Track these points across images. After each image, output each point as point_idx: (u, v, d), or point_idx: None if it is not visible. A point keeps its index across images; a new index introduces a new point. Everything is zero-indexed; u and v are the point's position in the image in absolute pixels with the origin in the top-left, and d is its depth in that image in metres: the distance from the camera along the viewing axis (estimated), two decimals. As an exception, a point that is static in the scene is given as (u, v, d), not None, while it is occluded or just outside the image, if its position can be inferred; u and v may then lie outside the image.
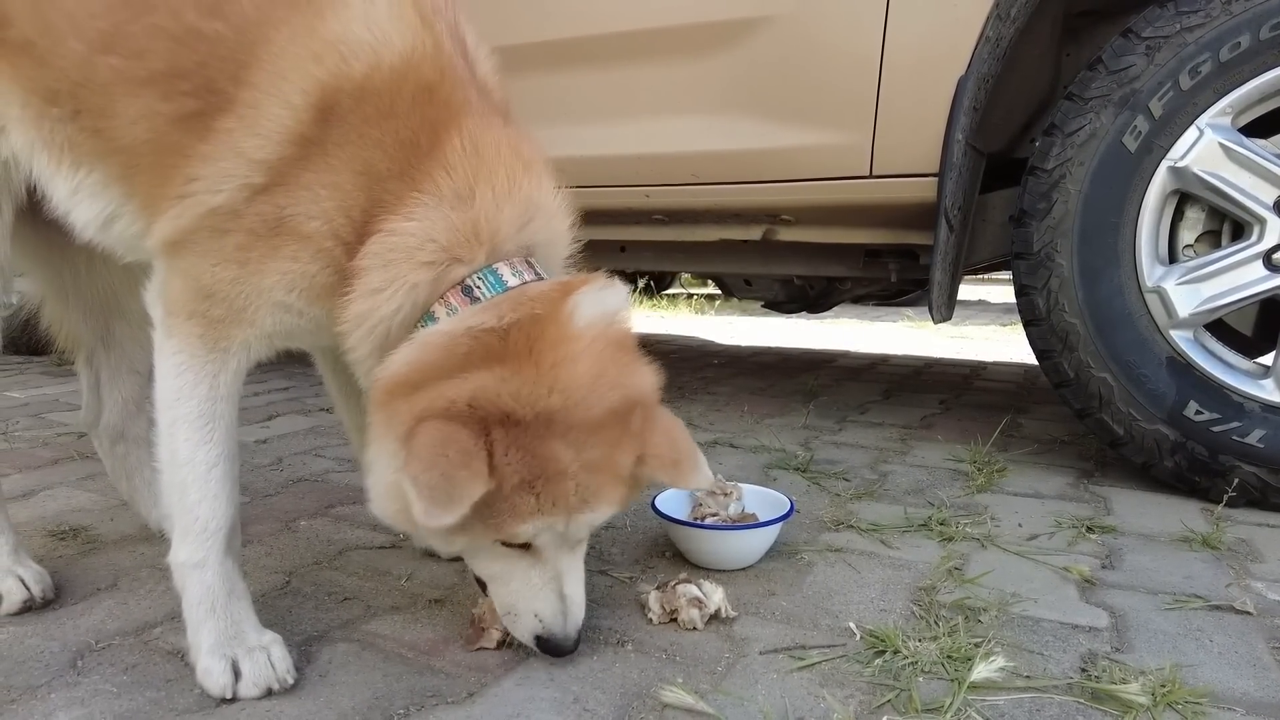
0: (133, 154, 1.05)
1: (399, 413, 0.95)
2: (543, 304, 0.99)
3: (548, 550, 1.02)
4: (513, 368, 0.95)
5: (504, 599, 1.06)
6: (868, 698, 0.99)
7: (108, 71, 1.03)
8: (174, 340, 1.02)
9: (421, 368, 0.97)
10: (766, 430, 2.43)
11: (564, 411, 0.95)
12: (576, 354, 0.98)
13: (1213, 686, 1.02)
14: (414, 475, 0.88)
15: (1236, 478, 1.70)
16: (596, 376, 0.98)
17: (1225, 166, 1.69)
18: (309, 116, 0.97)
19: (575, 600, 1.05)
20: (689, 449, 1.07)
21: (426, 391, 0.94)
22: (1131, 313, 1.76)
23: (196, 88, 1.00)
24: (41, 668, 1.02)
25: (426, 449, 0.89)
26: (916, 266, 2.60)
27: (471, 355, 0.96)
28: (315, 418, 2.54)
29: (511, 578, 1.04)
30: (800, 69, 2.04)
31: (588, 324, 0.99)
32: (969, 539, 1.52)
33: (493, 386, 0.94)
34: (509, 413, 0.93)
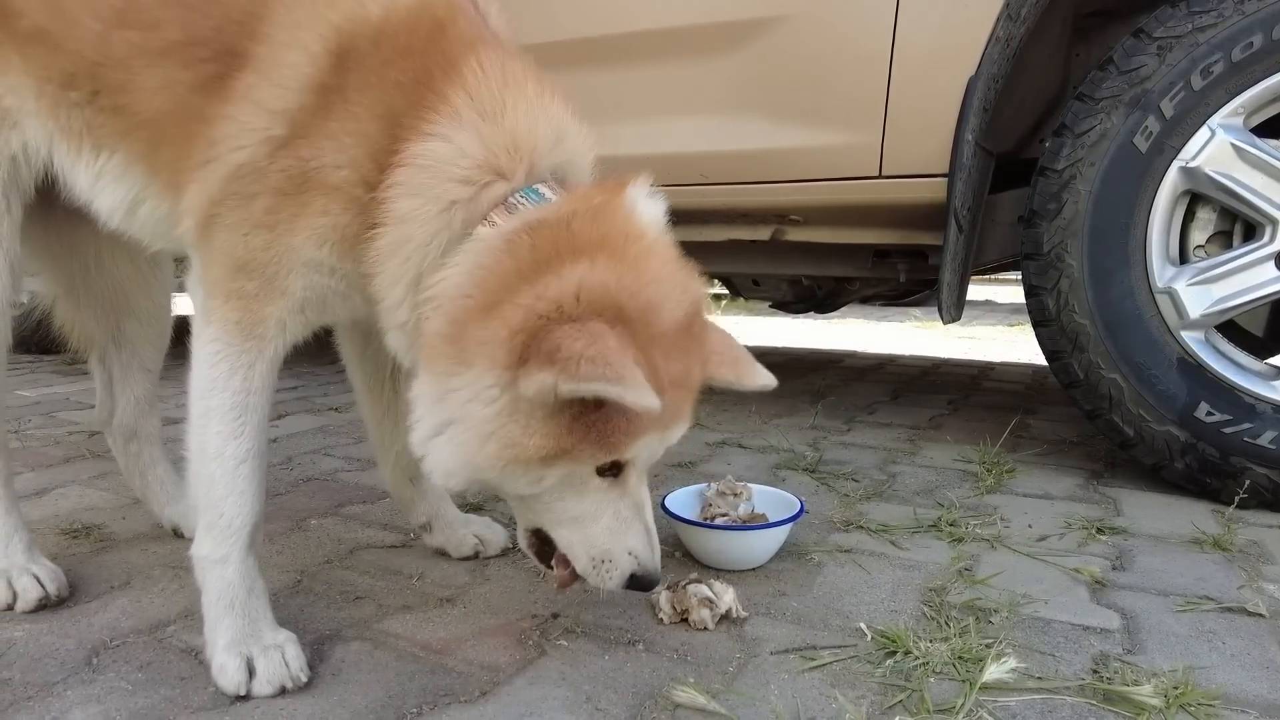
0: (155, 128, 1.05)
1: (482, 338, 0.89)
2: (601, 198, 0.96)
3: (632, 477, 1.00)
4: (603, 258, 0.91)
5: (596, 541, 1.01)
6: (879, 698, 0.99)
7: (124, 46, 1.04)
8: (211, 327, 1.02)
9: (491, 277, 0.91)
10: (775, 430, 2.43)
11: (657, 311, 0.93)
12: (651, 250, 0.96)
13: (1225, 689, 1.02)
14: (599, 377, 0.82)
15: (1248, 479, 1.69)
16: (672, 278, 0.96)
17: (1237, 167, 1.68)
18: (327, 63, 0.97)
19: (655, 533, 1.04)
20: (745, 352, 1.07)
21: (511, 303, 0.89)
22: (1142, 314, 1.76)
23: (215, 52, 1.00)
24: (57, 665, 1.03)
25: (584, 345, 0.82)
26: (925, 267, 2.59)
27: (543, 251, 0.91)
28: (324, 417, 2.54)
29: (601, 514, 1.00)
30: (809, 69, 2.04)
31: (649, 222, 0.98)
32: (979, 540, 1.52)
33: (597, 277, 0.89)
34: (620, 307, 0.89)
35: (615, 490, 1.00)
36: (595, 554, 1.02)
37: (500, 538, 1.43)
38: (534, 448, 0.91)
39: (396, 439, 1.38)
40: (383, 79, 0.97)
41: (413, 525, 1.44)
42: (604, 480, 0.99)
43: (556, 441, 0.91)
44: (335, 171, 0.97)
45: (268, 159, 0.98)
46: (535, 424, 0.90)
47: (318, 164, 0.97)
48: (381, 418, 1.38)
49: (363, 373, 1.37)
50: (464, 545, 1.40)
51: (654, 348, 0.92)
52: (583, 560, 1.03)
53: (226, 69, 0.99)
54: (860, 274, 2.73)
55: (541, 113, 1.01)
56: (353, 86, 0.97)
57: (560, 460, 0.93)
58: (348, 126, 0.97)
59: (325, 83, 0.97)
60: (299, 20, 0.97)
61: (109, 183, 1.11)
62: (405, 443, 1.37)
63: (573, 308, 0.88)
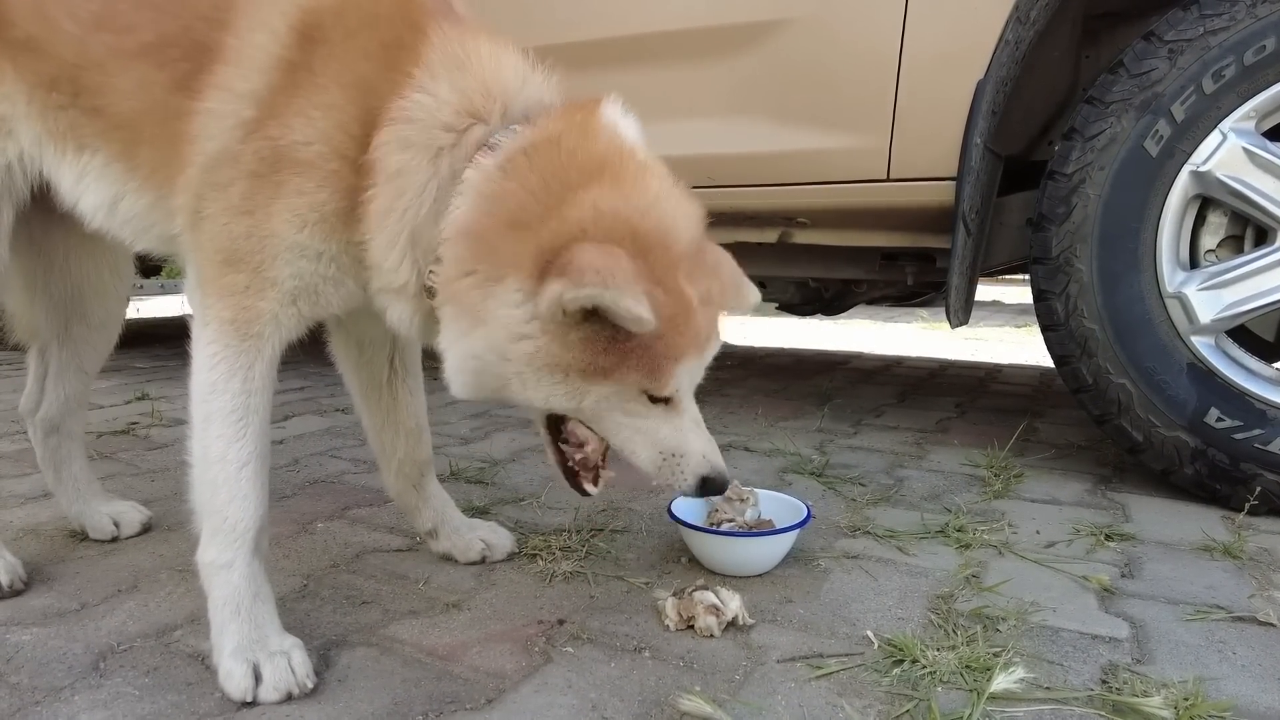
0: (134, 128, 1.07)
1: (509, 255, 0.93)
2: (580, 115, 1.00)
3: (682, 399, 1.04)
4: (609, 180, 0.95)
5: (665, 442, 1.04)
6: (886, 708, 0.98)
7: (101, 49, 1.06)
8: (209, 329, 1.03)
9: (501, 202, 0.95)
10: (781, 434, 2.42)
11: (671, 231, 0.97)
12: (647, 169, 1.00)
13: (1236, 700, 1.01)
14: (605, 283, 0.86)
15: (1258, 485, 1.68)
16: (674, 195, 1.00)
17: (1248, 171, 1.67)
18: (292, 40, 0.98)
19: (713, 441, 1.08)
20: (739, 271, 1.11)
21: (536, 225, 0.93)
22: (1152, 318, 1.75)
23: (186, 51, 1.02)
24: (64, 669, 1.03)
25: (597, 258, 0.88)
26: (933, 269, 2.58)
27: (547, 171, 0.95)
28: (331, 418, 2.55)
29: (660, 426, 1.03)
30: (818, 72, 2.03)
31: (634, 139, 1.02)
32: (986, 546, 1.51)
33: (609, 201, 0.94)
34: (635, 230, 0.93)
35: (668, 410, 1.04)
36: (664, 449, 1.04)
37: (506, 542, 1.43)
38: (573, 361, 0.95)
39: (398, 446, 1.38)
40: (349, 50, 0.99)
41: (419, 531, 1.44)
42: (652, 405, 1.02)
43: (594, 360, 0.95)
44: (306, 148, 0.98)
45: (240, 143, 0.99)
46: (570, 340, 0.94)
47: (287, 141, 0.97)
48: (381, 425, 1.38)
49: (359, 380, 1.37)
50: (470, 550, 1.40)
51: (677, 268, 0.96)
52: (648, 457, 1.04)
53: (198, 66, 1.01)
54: (868, 276, 2.73)
55: (505, 59, 1.05)
56: (319, 60, 0.98)
57: (601, 380, 0.97)
58: (315, 100, 0.98)
59: (291, 60, 0.98)
60: (263, 1, 0.99)
61: (91, 182, 1.13)
62: (407, 449, 1.38)
63: (594, 231, 0.92)
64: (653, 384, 0.98)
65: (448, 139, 0.99)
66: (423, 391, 1.41)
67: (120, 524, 1.49)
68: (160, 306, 6.11)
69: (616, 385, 0.98)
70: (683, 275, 0.97)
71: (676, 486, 1.06)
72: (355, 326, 1.31)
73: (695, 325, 0.97)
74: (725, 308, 1.08)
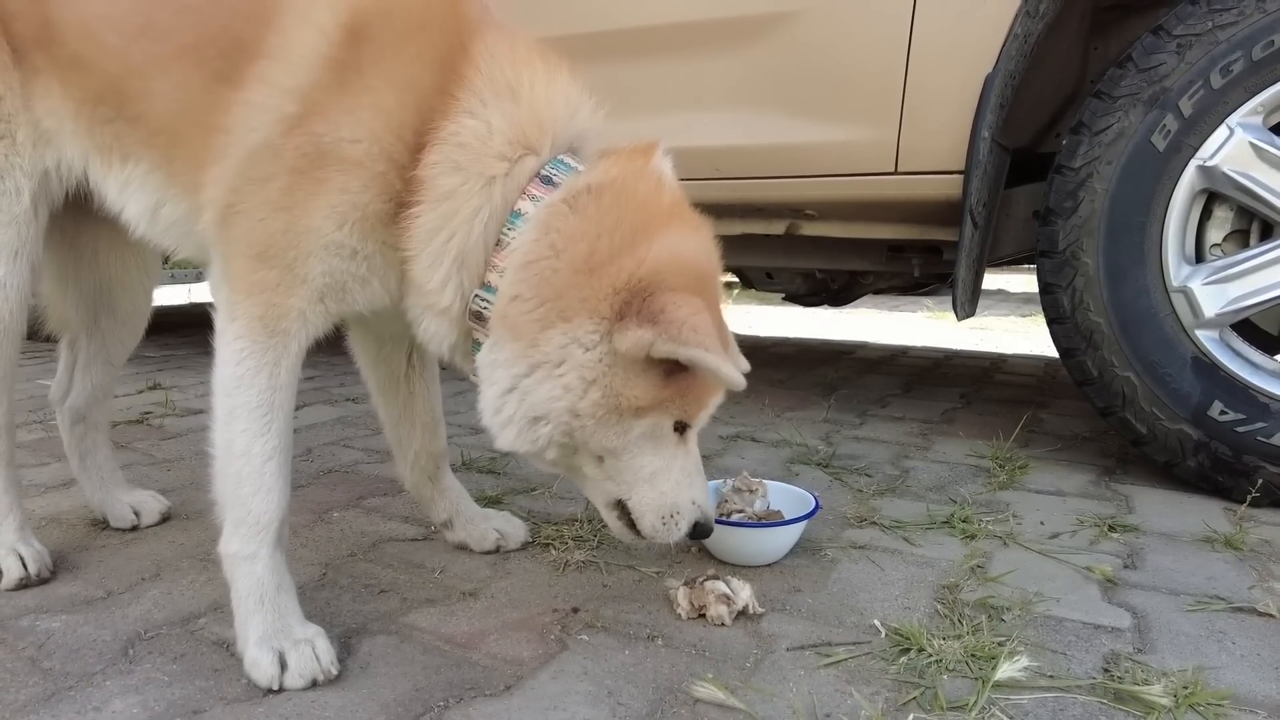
0: (171, 131, 1.09)
1: (583, 295, 0.97)
2: (640, 160, 1.04)
3: (692, 435, 1.10)
4: (681, 227, 1.01)
5: (666, 498, 1.09)
6: (894, 695, 1.01)
7: (142, 56, 1.08)
8: (236, 324, 1.04)
9: (571, 241, 0.98)
10: (787, 424, 2.45)
11: (716, 278, 1.04)
12: (692, 216, 1.06)
13: (1235, 689, 1.03)
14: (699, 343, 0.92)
15: (1260, 478, 1.70)
16: (712, 244, 1.06)
17: (1255, 166, 1.68)
18: (339, 37, 0.99)
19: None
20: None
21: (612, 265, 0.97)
22: (1157, 312, 1.77)
23: (224, 49, 1.04)
24: (95, 655, 1.06)
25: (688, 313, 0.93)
26: (939, 261, 2.60)
27: (616, 215, 0.99)
28: (342, 408, 2.58)
29: (671, 470, 1.08)
30: (826, 64, 2.04)
31: (676, 187, 1.07)
32: (991, 537, 1.54)
33: (684, 247, 0.99)
34: (701, 274, 1.00)
35: (681, 446, 1.10)
36: (665, 510, 1.10)
37: (520, 532, 1.46)
38: (632, 397, 1.00)
39: (414, 439, 1.40)
40: (400, 52, 0.99)
41: (434, 522, 1.47)
42: (675, 435, 1.08)
43: (654, 394, 1.00)
44: (353, 145, 0.98)
45: (282, 137, 0.99)
46: (635, 376, 0.99)
47: (333, 138, 0.98)
48: (398, 419, 1.40)
49: (377, 375, 1.40)
50: (485, 540, 1.42)
51: (719, 307, 1.04)
52: (650, 519, 1.10)
53: (236, 63, 1.02)
54: (874, 268, 2.74)
55: (557, 88, 1.06)
56: (367, 60, 0.99)
57: (650, 412, 1.02)
58: (364, 100, 0.98)
59: (339, 57, 0.98)
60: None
61: (135, 190, 1.15)
62: (423, 442, 1.41)
63: (671, 278, 0.96)
64: (689, 413, 1.05)
65: (501, 168, 1.01)
66: (439, 385, 1.44)
67: (140, 513, 1.52)
68: (168, 295, 6.14)
69: (659, 417, 1.04)
70: (717, 319, 1.02)
71: (671, 541, 1.12)
72: (376, 323, 1.33)
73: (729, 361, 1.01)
74: None
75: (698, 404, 1.05)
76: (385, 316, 1.15)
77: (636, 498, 1.10)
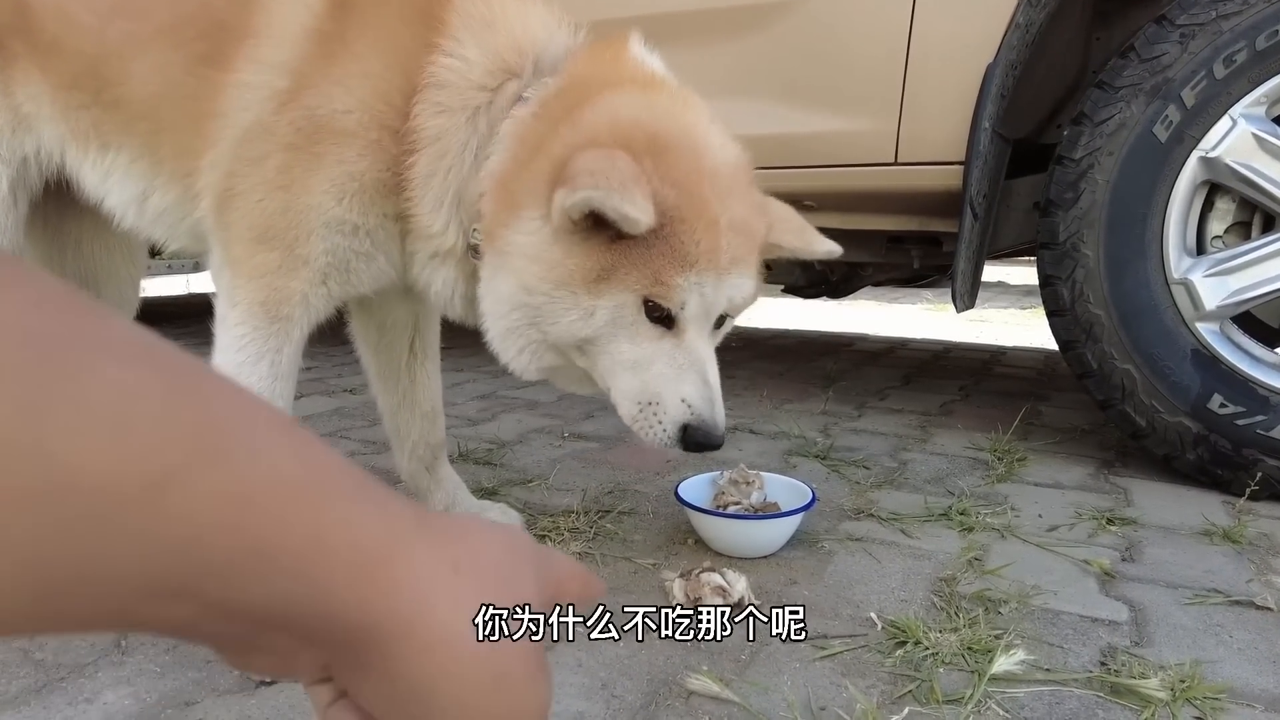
0: (154, 117, 1.08)
1: (527, 184, 0.93)
2: (610, 51, 1.01)
3: (689, 329, 0.99)
4: (633, 89, 0.96)
5: (646, 386, 0.99)
6: (889, 688, 1.00)
7: (118, 36, 1.07)
8: (237, 310, 1.03)
9: (529, 141, 0.95)
10: (786, 416, 2.44)
11: (702, 144, 0.95)
12: (682, 94, 0.99)
13: (1232, 683, 1.03)
14: (587, 185, 0.84)
15: (1260, 471, 1.69)
16: (711, 122, 0.99)
17: (1258, 157, 1.67)
18: (324, 9, 0.99)
19: (719, 392, 1.00)
20: (803, 219, 1.08)
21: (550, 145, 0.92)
22: (1157, 304, 1.76)
23: (203, 30, 1.03)
24: (87, 647, 1.06)
25: (595, 164, 0.86)
26: (939, 253, 2.59)
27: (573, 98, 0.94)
28: (339, 399, 2.57)
29: (654, 361, 0.98)
30: (825, 54, 2.03)
31: (666, 72, 1.02)
32: (989, 529, 1.53)
33: (629, 105, 0.93)
34: (654, 135, 0.92)
35: (670, 340, 0.99)
36: (639, 396, 0.99)
37: (516, 524, 1.45)
38: (575, 268, 0.92)
39: (413, 428, 1.39)
40: (381, 14, 0.99)
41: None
42: (657, 328, 0.98)
43: (596, 260, 0.92)
44: (346, 116, 0.98)
45: (275, 114, 0.98)
46: (575, 245, 0.92)
47: (327, 110, 0.97)
48: (398, 407, 1.40)
49: (378, 362, 1.39)
50: (480, 531, 1.42)
51: (704, 181, 0.93)
52: (627, 406, 1.00)
53: (219, 44, 1.01)
54: (874, 260, 2.73)
55: (533, 13, 1.05)
56: (353, 29, 0.99)
57: (605, 286, 0.93)
58: (352, 69, 0.98)
59: (324, 30, 0.98)
60: None
61: (117, 180, 1.14)
62: (422, 432, 1.40)
63: (606, 138, 0.91)
64: (656, 289, 0.94)
65: (483, 98, 1.00)
66: (439, 375, 1.43)
67: None
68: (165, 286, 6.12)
69: (620, 293, 0.94)
70: (712, 189, 0.94)
71: (655, 439, 1.00)
72: (379, 309, 1.33)
73: (715, 238, 0.93)
74: (779, 245, 1.05)
75: (657, 279, 0.93)
76: (387, 300, 1.14)
77: (615, 388, 1.01)
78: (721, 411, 1.00)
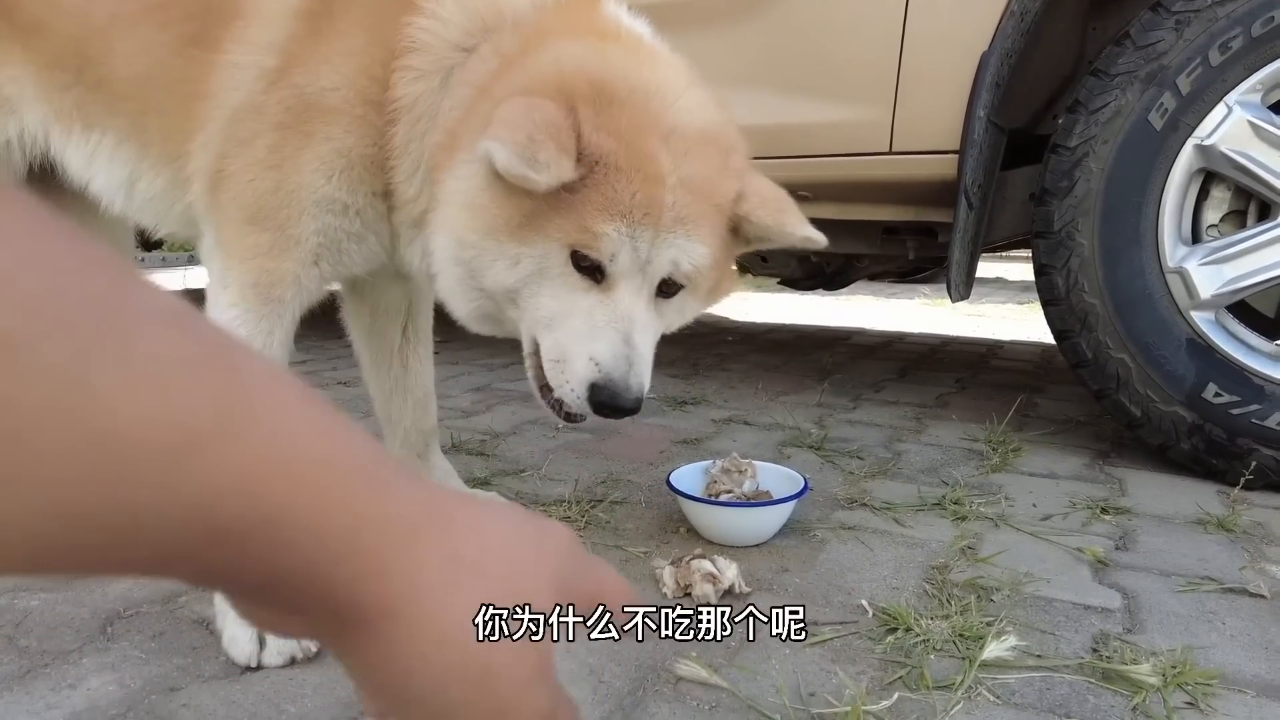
0: (140, 98, 1.07)
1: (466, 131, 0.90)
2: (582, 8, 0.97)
3: (621, 286, 0.92)
4: (593, 40, 0.92)
5: (558, 342, 0.94)
6: (879, 674, 1.00)
7: (103, 16, 1.06)
8: (229, 292, 1.02)
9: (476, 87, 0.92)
10: (781, 408, 2.43)
11: (665, 103, 0.90)
12: (652, 50, 0.96)
13: (1224, 669, 1.02)
14: (496, 136, 0.81)
15: (1254, 461, 1.69)
16: (684, 80, 0.95)
17: (1254, 145, 1.66)
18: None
19: (643, 354, 0.94)
20: (793, 204, 1.01)
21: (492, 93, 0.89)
22: (1152, 294, 1.75)
23: (191, 11, 1.02)
24: (72, 633, 1.05)
25: (511, 113, 0.83)
26: (934, 244, 2.58)
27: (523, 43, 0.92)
28: (333, 391, 2.56)
29: (572, 315, 0.92)
30: (820, 42, 2.02)
31: (638, 26, 1.00)
32: (983, 519, 1.53)
33: (575, 53, 0.90)
34: (600, 84, 0.88)
35: (595, 295, 0.93)
36: (553, 354, 0.94)
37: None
38: (499, 214, 0.89)
39: (404, 414, 1.39)
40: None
41: (420, 500, 1.45)
42: (585, 280, 0.93)
43: (520, 206, 0.88)
44: (333, 93, 0.97)
45: (264, 94, 0.98)
46: (499, 192, 0.89)
47: (315, 88, 0.97)
48: (390, 393, 1.39)
49: (370, 347, 1.38)
50: (471, 520, 1.41)
51: (652, 136, 0.88)
52: (549, 361, 0.96)
53: (207, 24, 1.01)
54: (870, 251, 2.72)
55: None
56: (339, 6, 0.98)
57: (530, 233, 0.89)
58: (337, 46, 0.97)
59: (311, 8, 0.98)
60: None
61: (103, 163, 1.13)
62: (414, 418, 1.39)
63: (547, 84, 0.87)
64: (582, 237, 0.89)
65: (458, 58, 0.98)
66: (432, 361, 1.42)
67: None
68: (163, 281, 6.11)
69: (545, 241, 0.90)
70: (663, 145, 0.89)
71: (566, 400, 0.95)
72: (371, 293, 1.32)
73: (655, 191, 0.88)
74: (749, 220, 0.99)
75: (583, 226, 0.88)
76: (380, 283, 1.13)
77: (542, 345, 0.97)
78: (641, 375, 0.93)
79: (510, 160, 0.81)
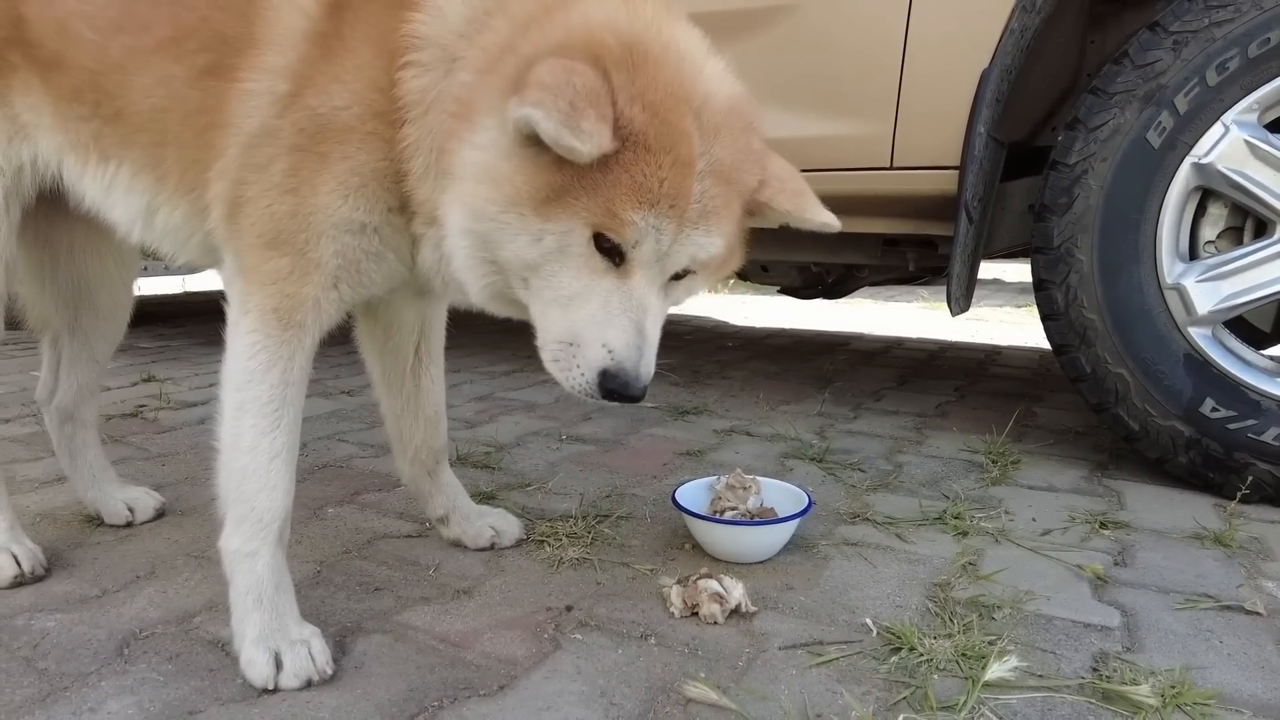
0: (156, 130, 1.08)
1: (484, 94, 0.87)
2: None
3: (638, 273, 0.92)
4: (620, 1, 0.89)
5: (572, 326, 0.92)
6: (884, 695, 1.02)
7: (120, 51, 1.07)
8: (249, 317, 1.03)
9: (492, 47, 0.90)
10: (782, 418, 2.45)
11: (696, 70, 0.88)
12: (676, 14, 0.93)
13: (1222, 688, 1.04)
14: (539, 103, 0.78)
15: (1251, 475, 1.71)
16: (705, 45, 0.94)
17: (1250, 164, 1.68)
18: (320, 12, 0.99)
19: (652, 342, 0.94)
20: (809, 188, 1.01)
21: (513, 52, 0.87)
22: (1150, 309, 1.77)
23: (205, 43, 1.03)
24: (90, 655, 1.07)
25: (550, 77, 0.79)
26: (934, 255, 2.60)
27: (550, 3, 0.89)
28: (337, 400, 2.57)
29: (589, 299, 0.91)
30: (822, 59, 2.03)
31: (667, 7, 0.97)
32: (983, 534, 1.55)
33: (605, 10, 0.87)
34: (636, 43, 0.85)
35: (614, 279, 0.92)
36: (566, 337, 0.93)
37: (515, 529, 1.46)
38: (524, 186, 0.87)
39: (416, 433, 1.40)
40: (371, 6, 0.99)
41: (430, 517, 1.47)
42: (605, 262, 0.91)
43: (547, 178, 0.86)
44: (345, 112, 0.98)
45: (279, 118, 0.99)
46: (526, 161, 0.87)
47: (328, 108, 0.97)
48: (401, 411, 1.40)
49: (383, 366, 1.39)
50: (480, 537, 1.43)
51: (685, 110, 0.87)
52: (549, 349, 0.94)
53: (221, 55, 1.02)
54: (870, 262, 2.74)
55: None
56: (347, 24, 0.99)
57: (555, 209, 0.87)
58: (346, 63, 0.98)
59: (322, 31, 0.99)
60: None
61: (120, 194, 1.14)
62: (425, 437, 1.41)
63: (578, 43, 0.85)
64: (608, 220, 0.87)
65: (461, 46, 0.97)
66: (443, 380, 1.44)
67: (135, 510, 1.52)
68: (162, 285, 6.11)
69: (569, 219, 0.88)
70: (695, 122, 0.87)
71: (572, 385, 0.93)
72: (385, 313, 1.34)
73: (684, 181, 0.86)
74: (770, 206, 0.99)
75: (610, 210, 0.86)
76: (397, 301, 1.12)
77: (542, 324, 0.95)
78: (649, 365, 0.93)
79: (558, 130, 0.79)
